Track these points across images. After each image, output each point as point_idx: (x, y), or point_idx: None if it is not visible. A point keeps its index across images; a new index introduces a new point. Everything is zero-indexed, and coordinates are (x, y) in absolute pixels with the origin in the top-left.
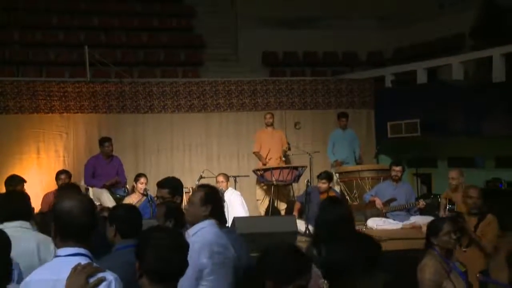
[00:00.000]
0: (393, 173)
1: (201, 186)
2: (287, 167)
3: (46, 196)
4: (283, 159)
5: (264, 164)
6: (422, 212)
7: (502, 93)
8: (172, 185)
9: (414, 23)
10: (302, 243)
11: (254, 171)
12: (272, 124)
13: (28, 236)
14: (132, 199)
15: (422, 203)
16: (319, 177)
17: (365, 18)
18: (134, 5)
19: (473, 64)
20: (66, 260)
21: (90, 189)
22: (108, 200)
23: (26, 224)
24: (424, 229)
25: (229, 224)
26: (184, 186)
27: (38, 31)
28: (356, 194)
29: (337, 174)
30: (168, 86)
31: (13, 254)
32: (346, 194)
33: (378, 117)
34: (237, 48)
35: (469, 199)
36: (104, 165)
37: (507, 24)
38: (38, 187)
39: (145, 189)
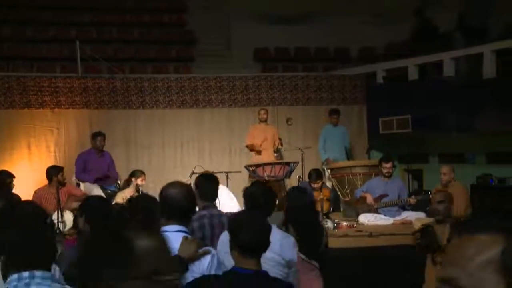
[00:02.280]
0: (384, 171)
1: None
2: (279, 163)
3: (36, 192)
4: (275, 154)
5: (259, 152)
6: (413, 207)
7: (493, 89)
8: None
9: (405, 20)
10: None
11: (246, 167)
12: (266, 120)
13: None
14: (126, 194)
15: (413, 200)
16: (311, 178)
17: (357, 14)
18: (126, 1)
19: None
20: (173, 235)
21: (82, 184)
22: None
23: None
24: (415, 224)
25: None
26: None
27: (29, 27)
28: (348, 190)
29: (329, 170)
30: (160, 82)
31: None
32: (337, 190)
33: (369, 113)
34: (230, 44)
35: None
36: (95, 160)
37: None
38: (29, 183)
39: (136, 185)
